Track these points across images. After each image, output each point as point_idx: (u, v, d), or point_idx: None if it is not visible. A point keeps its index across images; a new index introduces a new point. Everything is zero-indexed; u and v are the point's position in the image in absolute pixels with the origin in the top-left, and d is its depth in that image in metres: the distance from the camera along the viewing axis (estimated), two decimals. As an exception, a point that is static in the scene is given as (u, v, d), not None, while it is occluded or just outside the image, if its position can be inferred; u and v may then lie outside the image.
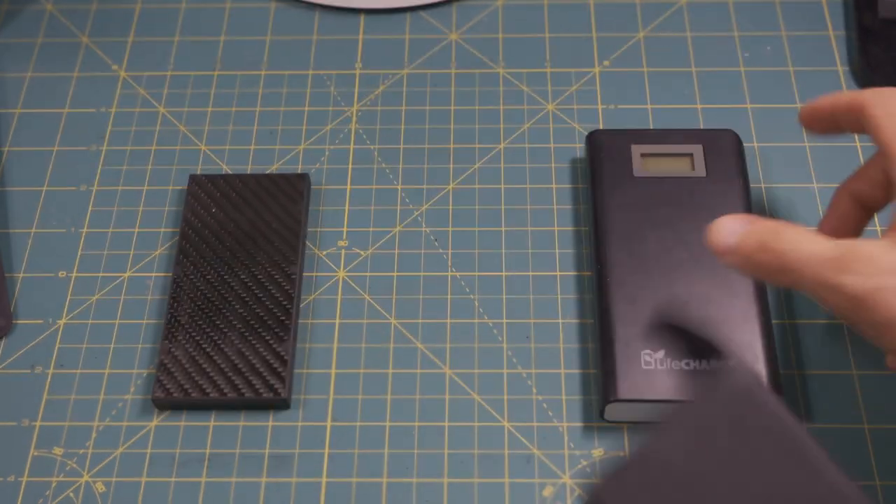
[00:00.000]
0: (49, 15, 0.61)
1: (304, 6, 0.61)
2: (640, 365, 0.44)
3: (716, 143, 0.50)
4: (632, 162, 0.49)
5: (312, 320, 0.49)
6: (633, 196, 0.48)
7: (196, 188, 0.52)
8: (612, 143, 0.50)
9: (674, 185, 0.49)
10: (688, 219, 0.47)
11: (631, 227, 0.47)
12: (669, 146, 0.50)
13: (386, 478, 0.45)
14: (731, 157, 0.50)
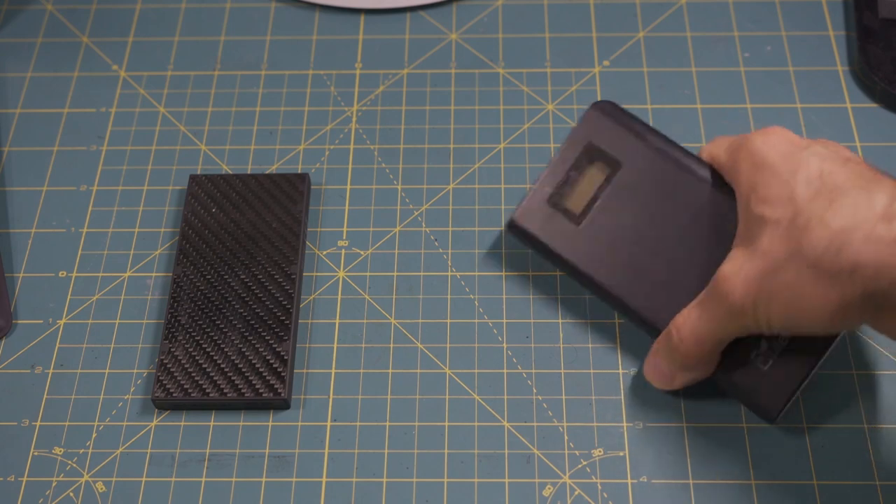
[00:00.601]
0: (49, 15, 0.61)
1: (304, 6, 0.61)
2: (759, 368, 0.43)
3: (595, 127, 0.47)
4: (562, 215, 0.46)
5: (312, 320, 0.49)
6: (587, 241, 0.46)
7: (196, 188, 0.52)
8: (535, 214, 0.47)
9: (611, 197, 0.46)
10: (651, 211, 0.45)
11: (614, 261, 0.46)
12: (572, 173, 0.47)
13: (386, 478, 0.45)
14: (617, 129, 0.46)
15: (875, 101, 0.55)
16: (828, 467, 0.44)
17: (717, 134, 0.54)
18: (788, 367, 0.42)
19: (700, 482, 0.44)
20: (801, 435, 0.45)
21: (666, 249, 0.45)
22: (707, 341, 0.42)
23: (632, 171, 0.46)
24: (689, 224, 0.45)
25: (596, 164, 0.46)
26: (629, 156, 0.46)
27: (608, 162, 0.46)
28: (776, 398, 0.42)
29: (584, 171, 0.46)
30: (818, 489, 0.44)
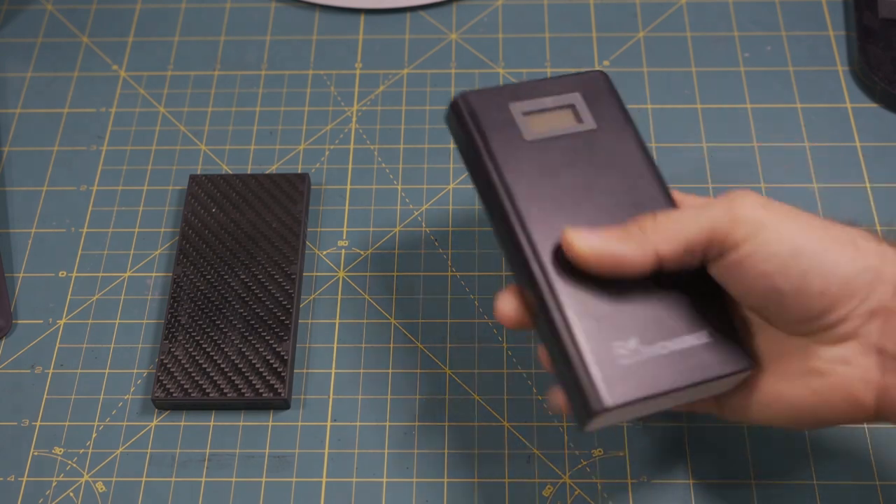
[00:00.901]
0: (49, 15, 0.61)
1: (304, 6, 0.61)
2: (615, 360, 0.37)
3: (590, 88, 0.44)
4: (517, 124, 0.42)
5: (312, 320, 0.49)
6: (529, 164, 0.41)
7: (196, 188, 0.52)
8: (489, 105, 0.42)
9: (568, 143, 0.42)
10: (596, 178, 0.41)
11: (542, 200, 0.40)
12: (549, 99, 0.43)
13: (386, 478, 0.45)
14: (610, 101, 0.43)
15: (875, 101, 0.55)
16: (828, 467, 0.44)
17: (716, 134, 0.54)
18: (640, 378, 0.37)
19: (700, 482, 0.44)
20: (801, 435, 0.45)
21: (592, 216, 0.40)
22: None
23: (597, 140, 0.42)
24: (626, 215, 0.40)
25: (572, 111, 0.43)
26: (603, 127, 0.42)
27: (583, 118, 0.42)
28: (607, 397, 0.36)
29: (560, 109, 0.43)
30: (818, 489, 0.44)
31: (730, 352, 0.38)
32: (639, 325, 0.38)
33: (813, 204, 0.52)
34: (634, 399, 0.37)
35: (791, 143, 0.54)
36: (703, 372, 0.38)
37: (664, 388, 0.37)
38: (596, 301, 0.38)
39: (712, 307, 0.39)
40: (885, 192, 0.52)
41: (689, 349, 0.38)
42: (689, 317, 0.39)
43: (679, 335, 0.38)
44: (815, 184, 0.52)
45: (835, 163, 0.53)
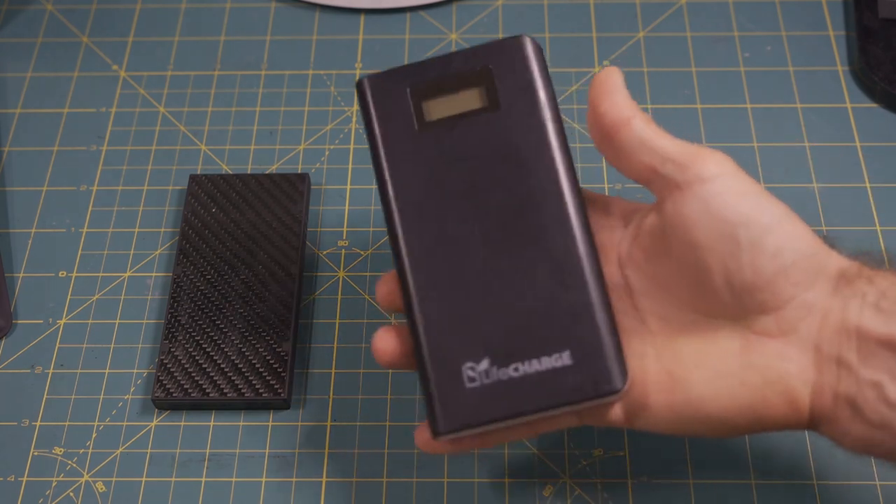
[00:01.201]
0: (49, 15, 0.61)
1: (304, 6, 0.61)
2: (462, 383, 0.36)
3: (507, 59, 0.39)
4: (412, 111, 0.39)
5: (312, 320, 0.49)
6: (419, 156, 0.39)
7: (196, 188, 0.52)
8: (387, 89, 0.39)
9: (466, 131, 0.39)
10: (488, 175, 0.38)
11: (424, 198, 0.38)
12: (455, 77, 0.39)
13: (386, 478, 0.45)
14: (528, 74, 0.39)
15: (875, 101, 0.55)
16: (827, 467, 0.44)
17: (717, 133, 0.54)
18: (487, 402, 0.36)
19: (700, 482, 0.44)
20: (802, 435, 0.45)
21: (477, 224, 0.38)
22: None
23: (502, 122, 0.39)
24: (509, 215, 0.38)
25: (478, 89, 0.39)
26: (511, 105, 0.39)
27: (490, 97, 0.39)
28: (452, 421, 0.36)
29: (463, 88, 0.39)
30: (818, 489, 0.44)
31: (597, 373, 0.36)
32: (496, 342, 0.37)
33: (813, 204, 0.52)
34: (472, 425, 0.36)
35: (791, 143, 0.54)
36: (557, 399, 0.36)
37: (506, 414, 0.36)
38: (459, 315, 0.37)
39: (589, 319, 0.37)
40: (885, 192, 0.52)
41: (545, 371, 0.36)
42: (554, 333, 0.37)
43: (536, 356, 0.37)
44: (815, 184, 0.52)
45: (835, 163, 0.53)
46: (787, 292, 0.35)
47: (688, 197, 0.36)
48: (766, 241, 0.35)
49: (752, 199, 0.36)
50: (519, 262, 0.37)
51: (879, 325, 0.34)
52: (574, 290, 0.37)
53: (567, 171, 0.38)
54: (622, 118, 0.37)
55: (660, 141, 0.37)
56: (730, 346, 0.36)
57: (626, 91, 0.38)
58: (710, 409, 0.36)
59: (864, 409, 0.34)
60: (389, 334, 0.39)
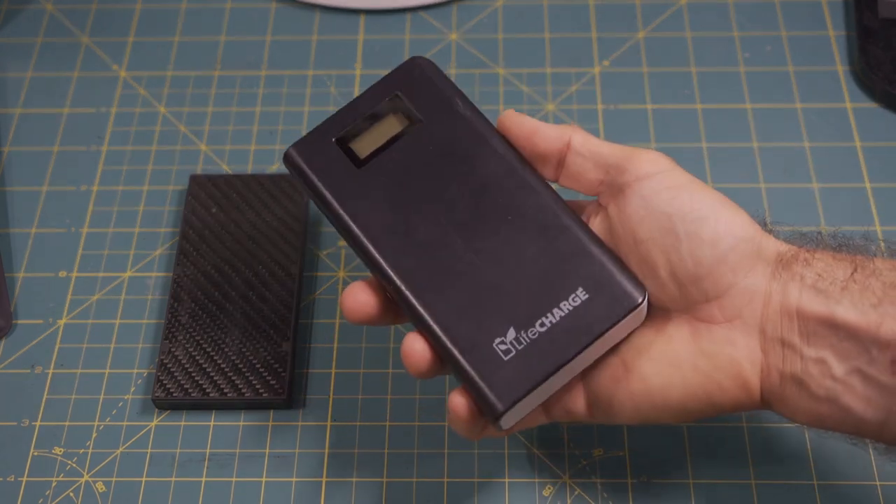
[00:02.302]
0: (49, 15, 0.61)
1: (304, 6, 0.61)
2: (500, 358, 0.37)
3: (410, 81, 0.42)
4: (346, 156, 0.41)
5: (312, 320, 0.49)
6: (370, 189, 0.40)
7: (196, 188, 0.52)
8: (314, 149, 0.41)
9: (402, 151, 0.41)
10: (437, 177, 0.40)
11: (392, 223, 0.39)
12: (369, 114, 0.41)
13: (386, 478, 0.45)
14: (434, 87, 0.42)
15: (875, 101, 0.55)
16: (828, 467, 0.44)
17: (717, 133, 0.54)
18: (530, 364, 0.37)
19: (700, 482, 0.44)
20: (802, 435, 0.45)
21: (441, 218, 0.39)
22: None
23: (430, 131, 0.41)
24: (470, 198, 0.39)
25: (396, 115, 0.41)
26: (432, 116, 0.41)
27: (409, 116, 0.41)
28: (507, 394, 0.37)
29: (382, 119, 0.41)
30: (818, 489, 0.44)
31: (614, 294, 0.37)
32: (512, 311, 0.38)
33: (813, 204, 0.52)
34: (527, 391, 0.37)
35: (791, 143, 0.54)
36: (591, 332, 0.37)
37: (556, 366, 0.37)
38: (468, 304, 0.38)
39: (587, 254, 0.38)
40: (885, 192, 0.52)
41: (570, 314, 0.37)
42: (559, 278, 0.38)
43: (555, 304, 0.38)
44: (815, 184, 0.52)
45: (835, 163, 0.53)
46: (728, 279, 0.37)
47: (628, 196, 0.38)
48: (704, 230, 0.36)
49: (686, 192, 0.37)
50: (502, 236, 0.39)
51: (818, 304, 0.35)
52: (562, 237, 0.38)
53: (506, 146, 0.40)
54: (562, 145, 0.39)
55: (600, 150, 0.39)
56: (680, 335, 0.38)
57: (539, 121, 0.40)
58: (668, 398, 0.37)
59: (811, 385, 0.36)
60: (361, 288, 0.39)
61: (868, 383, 0.35)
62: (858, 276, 0.36)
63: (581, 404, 0.39)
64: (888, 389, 0.34)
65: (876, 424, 0.35)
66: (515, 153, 0.40)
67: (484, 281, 0.38)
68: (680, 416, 0.38)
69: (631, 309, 0.37)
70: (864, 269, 0.36)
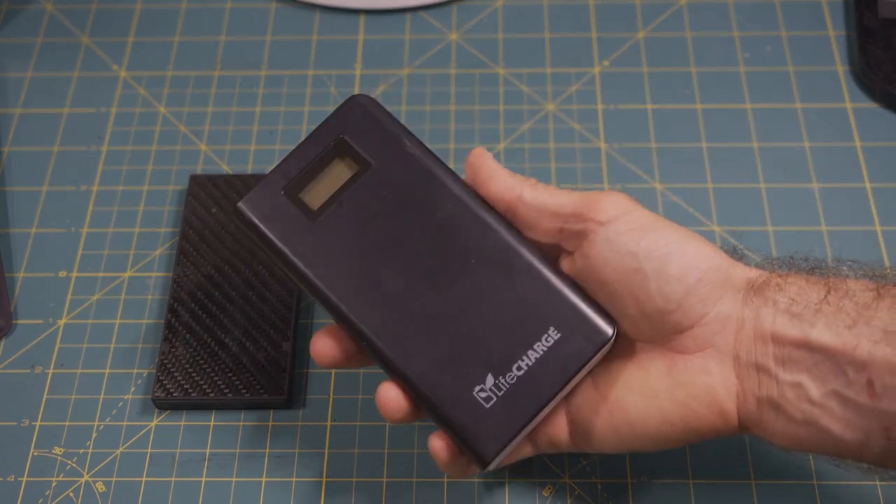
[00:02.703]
0: (49, 15, 0.61)
1: (304, 6, 0.61)
2: (482, 406, 0.37)
3: (355, 122, 0.41)
4: (296, 208, 0.40)
5: (312, 320, 0.49)
6: (326, 242, 0.39)
7: (196, 188, 0.52)
8: (264, 204, 0.40)
9: (354, 198, 0.40)
10: (395, 223, 0.40)
11: (354, 275, 0.39)
12: (317, 161, 0.40)
13: (386, 478, 0.45)
14: (379, 126, 0.41)
15: (875, 101, 0.55)
16: (827, 467, 0.44)
17: (717, 133, 0.54)
18: (512, 408, 0.37)
19: (700, 482, 0.44)
20: (801, 435, 0.45)
21: (405, 265, 0.39)
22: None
23: (382, 174, 0.40)
24: (432, 242, 0.39)
25: (344, 160, 0.40)
26: (381, 158, 0.40)
27: (358, 160, 0.40)
28: (493, 443, 0.37)
29: (330, 165, 0.40)
30: (818, 489, 0.44)
31: (585, 330, 0.38)
32: (487, 357, 0.38)
33: (813, 204, 0.52)
34: (512, 437, 0.37)
35: (791, 143, 0.54)
36: (567, 371, 0.38)
37: (537, 408, 0.38)
38: (444, 356, 0.38)
39: (555, 293, 0.38)
40: (885, 192, 0.52)
41: (544, 355, 0.38)
42: (530, 320, 0.38)
43: (529, 346, 0.38)
44: (815, 184, 0.52)
45: (835, 163, 0.53)
46: (698, 310, 0.37)
47: (592, 241, 0.38)
48: (670, 266, 0.37)
49: (651, 231, 0.37)
50: (468, 280, 0.39)
51: (793, 328, 0.36)
52: (527, 276, 0.39)
53: (461, 185, 0.40)
54: (513, 197, 0.39)
55: (554, 201, 0.39)
56: (655, 367, 0.38)
57: (500, 166, 0.40)
58: (647, 428, 0.38)
59: (788, 409, 0.36)
60: (327, 337, 0.40)
61: (846, 405, 0.35)
62: (832, 297, 0.36)
63: (564, 436, 0.40)
64: (866, 410, 0.35)
65: (856, 445, 0.35)
66: (471, 192, 0.40)
67: (456, 329, 0.38)
68: (661, 444, 0.39)
69: (603, 343, 0.38)
70: (838, 290, 0.36)
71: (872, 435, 0.35)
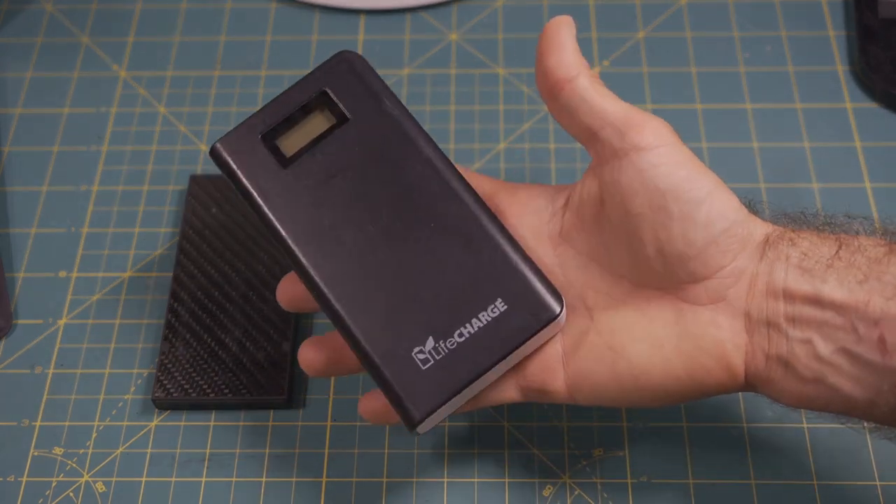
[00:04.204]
0: (49, 15, 0.61)
1: (304, 6, 0.61)
2: (418, 367, 0.38)
3: (339, 76, 0.42)
4: (270, 154, 0.40)
5: (313, 320, 0.49)
6: (295, 190, 0.40)
7: (196, 188, 0.52)
8: (240, 145, 0.41)
9: (328, 151, 0.40)
10: (363, 179, 0.40)
11: (315, 225, 0.39)
12: (297, 110, 0.41)
13: (386, 478, 0.45)
14: (363, 82, 0.41)
15: (875, 101, 0.55)
16: (828, 467, 0.44)
17: (717, 133, 0.54)
18: (447, 373, 0.37)
19: (700, 482, 0.44)
20: (801, 435, 0.45)
21: (366, 221, 0.39)
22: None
23: (358, 130, 0.40)
24: (396, 202, 0.39)
25: (324, 112, 0.41)
26: (360, 114, 0.41)
27: (336, 114, 0.41)
28: (422, 405, 0.37)
29: (309, 116, 0.41)
30: (818, 489, 0.44)
31: (532, 306, 0.38)
32: (431, 320, 0.38)
33: (813, 204, 0.52)
34: (442, 401, 0.37)
35: (791, 143, 0.54)
36: (508, 344, 0.38)
37: (468, 379, 0.37)
38: (388, 312, 0.38)
39: (507, 265, 0.38)
40: (885, 192, 0.52)
41: (488, 325, 0.38)
42: (479, 289, 0.38)
43: (474, 315, 0.38)
44: (815, 184, 0.52)
45: (835, 163, 0.53)
46: (717, 261, 0.36)
47: (624, 165, 0.37)
48: (698, 212, 0.36)
49: (685, 171, 0.36)
50: (424, 243, 0.39)
51: (804, 283, 0.35)
52: (484, 246, 0.39)
53: (433, 149, 0.40)
54: (566, 77, 0.38)
55: (602, 103, 0.38)
56: (663, 316, 0.37)
57: (575, 45, 0.39)
58: (651, 379, 0.37)
59: (797, 367, 0.35)
60: (312, 346, 0.41)
61: (855, 362, 0.34)
62: (843, 253, 0.35)
63: (559, 384, 0.39)
64: (876, 368, 0.34)
65: (865, 403, 0.35)
66: (443, 157, 0.40)
67: (404, 289, 0.39)
68: (662, 398, 0.38)
69: (549, 321, 0.38)
70: (849, 246, 0.36)
71: (882, 393, 0.34)
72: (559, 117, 0.39)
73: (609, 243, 0.39)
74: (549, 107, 0.39)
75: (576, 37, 0.39)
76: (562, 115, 0.39)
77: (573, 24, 0.39)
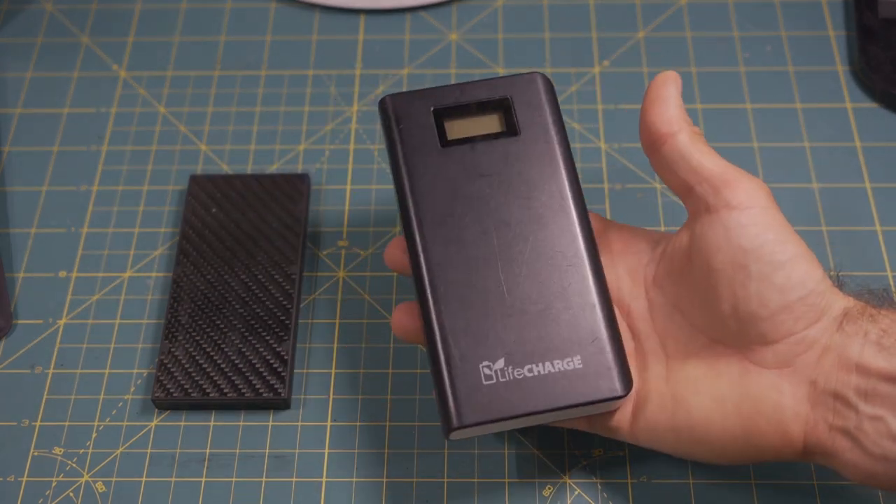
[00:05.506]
0: (49, 15, 0.61)
1: (304, 6, 0.61)
2: (480, 380, 0.38)
3: (525, 91, 0.43)
4: (435, 129, 0.42)
5: (312, 320, 0.49)
6: (442, 171, 0.41)
7: (196, 188, 0.52)
8: (409, 108, 0.42)
9: (486, 152, 0.41)
10: (506, 192, 0.41)
11: (444, 210, 0.40)
12: (476, 102, 0.42)
13: (386, 477, 0.45)
14: (543, 106, 0.42)
15: (875, 101, 0.55)
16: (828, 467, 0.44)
17: (717, 133, 0.54)
18: (502, 399, 0.38)
19: (700, 482, 0.44)
20: (801, 435, 0.45)
21: (490, 230, 0.40)
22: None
23: (521, 146, 0.41)
24: (523, 224, 0.40)
25: (499, 116, 0.42)
26: (529, 133, 0.42)
27: (510, 124, 0.42)
28: (465, 416, 0.38)
29: (485, 113, 0.42)
30: (818, 489, 0.44)
31: (601, 378, 0.38)
32: (511, 344, 0.39)
33: (813, 204, 0.52)
34: (484, 421, 0.38)
35: (791, 143, 0.54)
36: (565, 398, 0.38)
37: (520, 412, 0.38)
38: (476, 319, 0.39)
39: (597, 332, 0.39)
40: (885, 192, 0.52)
41: (557, 374, 0.39)
42: (566, 340, 0.39)
43: (550, 359, 0.39)
44: (815, 184, 0.52)
45: (835, 163, 0.53)
46: (788, 327, 0.36)
47: (714, 221, 0.37)
48: (776, 275, 0.36)
49: (772, 234, 0.37)
50: (534, 274, 0.40)
51: (882, 360, 0.35)
52: (586, 307, 0.39)
53: (575, 196, 0.41)
54: (668, 132, 0.39)
55: (700, 159, 0.38)
56: (730, 373, 0.37)
57: (679, 101, 0.40)
58: (708, 434, 0.38)
59: (865, 443, 0.35)
60: (406, 311, 0.41)
61: None
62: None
63: (625, 424, 0.40)
64: None
65: None
66: (581, 204, 0.41)
67: (499, 306, 0.39)
68: (718, 454, 0.38)
69: (608, 397, 0.38)
70: None
71: None
72: (659, 171, 0.40)
73: (691, 296, 0.39)
74: (651, 160, 0.40)
75: (681, 93, 0.40)
76: (662, 169, 0.40)
77: (679, 80, 0.40)
